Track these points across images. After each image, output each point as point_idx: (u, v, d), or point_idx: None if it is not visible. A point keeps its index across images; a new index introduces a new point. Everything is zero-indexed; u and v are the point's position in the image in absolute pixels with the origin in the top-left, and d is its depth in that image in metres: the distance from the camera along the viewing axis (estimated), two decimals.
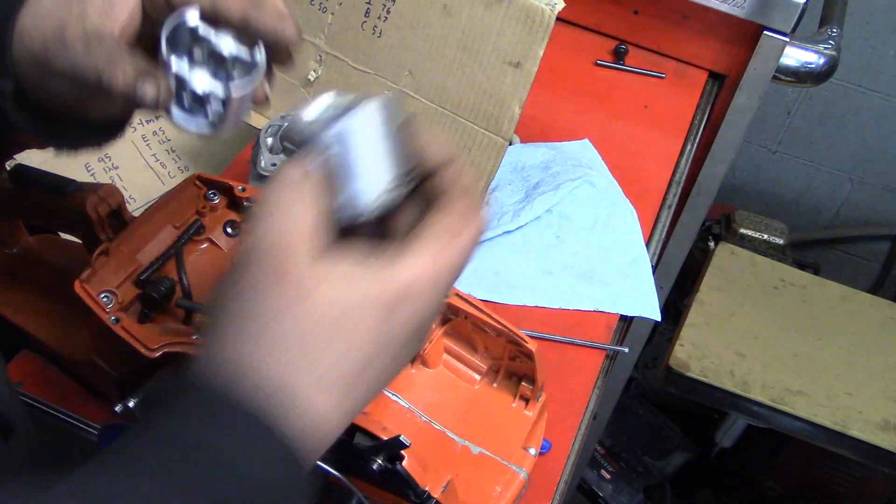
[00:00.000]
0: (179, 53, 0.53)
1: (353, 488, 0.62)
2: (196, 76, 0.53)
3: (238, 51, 0.54)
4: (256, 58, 0.53)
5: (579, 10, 1.40)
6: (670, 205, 1.20)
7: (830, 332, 1.90)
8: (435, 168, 0.47)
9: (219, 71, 0.54)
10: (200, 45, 0.53)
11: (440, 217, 0.45)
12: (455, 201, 0.46)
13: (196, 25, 0.53)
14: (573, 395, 0.91)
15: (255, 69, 0.53)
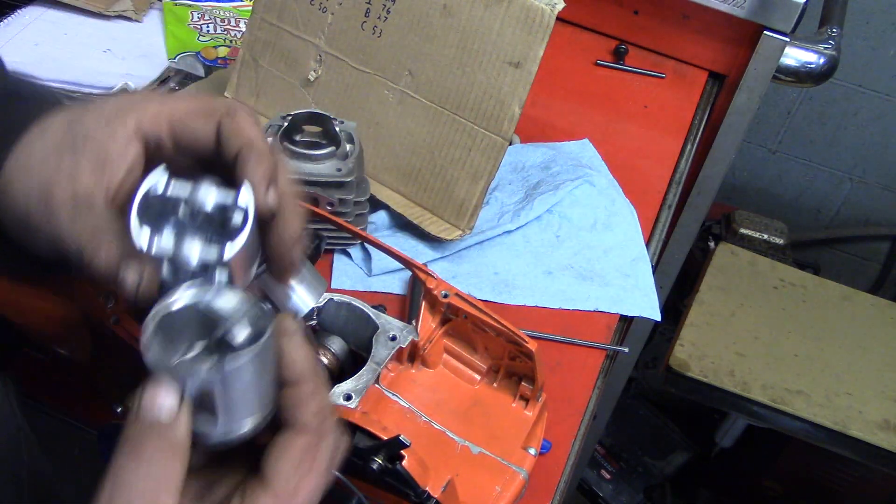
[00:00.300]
0: (158, 225, 0.49)
1: (353, 488, 0.62)
2: (186, 248, 0.48)
3: (222, 196, 0.49)
4: (242, 201, 0.49)
5: (579, 10, 1.40)
6: (670, 205, 1.20)
7: (830, 332, 1.90)
8: (289, 383, 0.48)
9: (208, 228, 0.50)
10: (178, 205, 0.49)
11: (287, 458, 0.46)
12: (301, 436, 0.47)
13: (163, 191, 0.49)
14: (573, 395, 0.91)
15: (244, 222, 0.49)
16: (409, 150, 1.01)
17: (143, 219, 0.48)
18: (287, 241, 0.51)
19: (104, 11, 1.32)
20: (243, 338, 0.46)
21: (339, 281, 0.98)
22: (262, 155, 0.51)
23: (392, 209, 1.02)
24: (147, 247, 0.47)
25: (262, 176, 0.50)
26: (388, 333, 0.71)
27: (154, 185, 0.48)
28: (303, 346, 0.48)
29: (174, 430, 0.43)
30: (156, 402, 0.43)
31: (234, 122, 0.51)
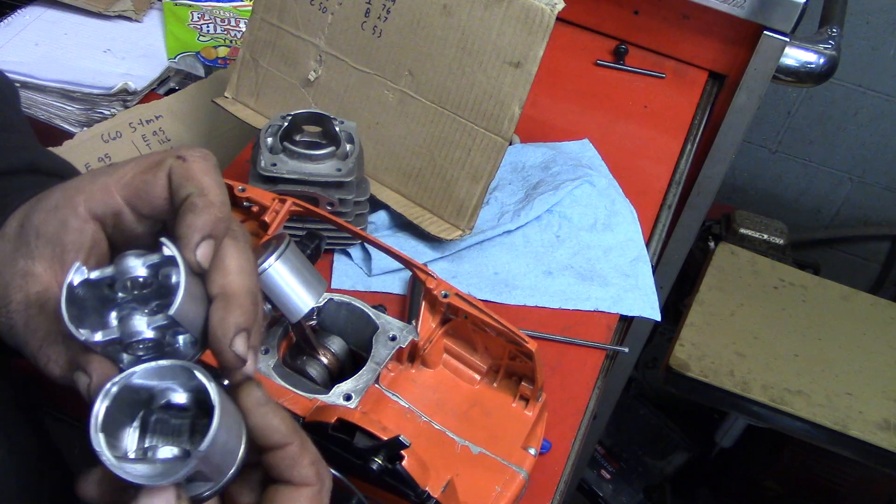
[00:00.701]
0: (99, 314, 0.46)
1: (353, 488, 0.62)
2: (133, 324, 0.45)
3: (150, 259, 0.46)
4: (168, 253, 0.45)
5: (579, 10, 1.40)
6: (670, 205, 1.20)
7: (830, 332, 1.90)
8: (277, 447, 0.47)
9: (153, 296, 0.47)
10: (111, 286, 0.46)
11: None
12: (305, 488, 0.47)
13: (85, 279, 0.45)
14: (573, 395, 0.91)
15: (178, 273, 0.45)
16: (409, 150, 1.01)
17: (80, 314, 0.45)
18: (219, 333, 0.45)
19: (104, 11, 1.32)
20: (185, 400, 0.45)
21: (339, 281, 0.98)
22: (208, 204, 0.46)
23: (392, 209, 1.02)
24: (90, 339, 0.44)
25: (199, 227, 0.46)
26: (388, 333, 0.71)
27: (71, 278, 0.45)
28: (277, 409, 0.47)
29: None
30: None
31: (184, 167, 0.48)
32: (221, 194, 0.48)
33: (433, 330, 0.74)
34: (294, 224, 0.90)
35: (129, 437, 0.45)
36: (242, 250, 0.48)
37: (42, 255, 0.50)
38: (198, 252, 0.46)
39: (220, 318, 0.45)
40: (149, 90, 1.23)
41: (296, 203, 0.76)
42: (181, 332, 0.46)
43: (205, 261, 0.46)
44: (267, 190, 0.78)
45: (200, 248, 0.46)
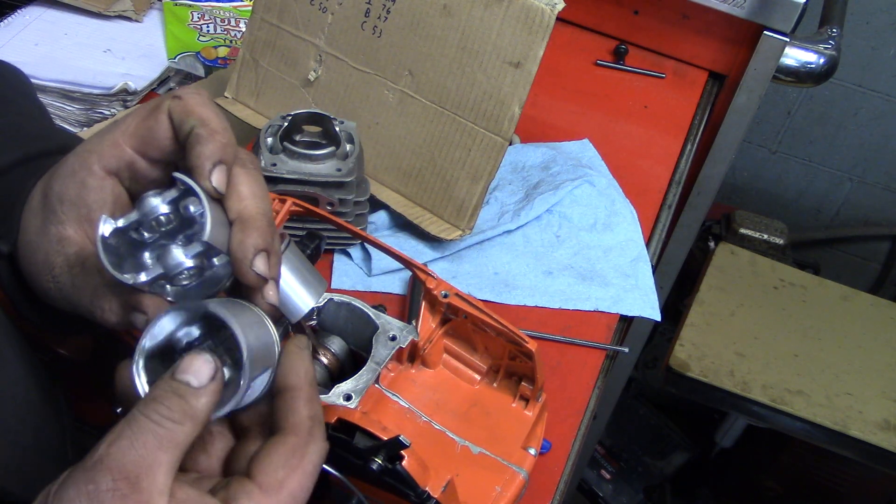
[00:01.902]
0: (136, 257, 0.49)
1: (353, 488, 0.62)
2: (171, 258, 0.47)
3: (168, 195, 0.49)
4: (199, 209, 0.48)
5: (579, 10, 1.40)
6: (670, 205, 1.20)
7: (830, 332, 1.90)
8: (287, 388, 0.49)
9: (182, 229, 0.49)
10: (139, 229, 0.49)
11: (275, 454, 0.47)
12: (291, 436, 0.48)
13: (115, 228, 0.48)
14: (573, 395, 0.91)
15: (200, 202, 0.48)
16: (409, 150, 1.01)
17: (119, 261, 0.48)
18: (239, 255, 0.48)
19: (104, 11, 1.32)
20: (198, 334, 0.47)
21: (339, 281, 0.98)
22: (212, 133, 0.49)
23: (392, 209, 1.02)
24: (137, 281, 0.47)
25: (208, 155, 0.48)
26: (388, 333, 0.71)
27: (101, 230, 0.47)
28: (308, 360, 0.50)
29: (198, 398, 0.44)
30: (192, 367, 0.44)
31: (181, 103, 0.50)
32: (222, 122, 0.50)
33: (433, 330, 0.74)
34: (294, 224, 0.91)
35: None
36: (252, 175, 0.50)
37: (70, 218, 0.52)
38: (212, 178, 0.48)
39: (239, 240, 0.48)
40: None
41: (296, 203, 0.76)
42: (215, 254, 0.48)
43: (220, 186, 0.48)
44: None
45: (214, 174, 0.48)
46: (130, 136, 0.52)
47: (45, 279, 0.54)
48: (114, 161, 0.52)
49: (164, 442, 0.43)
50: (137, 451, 0.42)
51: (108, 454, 0.42)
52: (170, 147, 0.51)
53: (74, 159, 0.53)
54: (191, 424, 0.44)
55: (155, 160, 0.52)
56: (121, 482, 0.41)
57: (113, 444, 0.42)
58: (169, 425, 0.43)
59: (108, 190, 0.53)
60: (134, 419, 0.43)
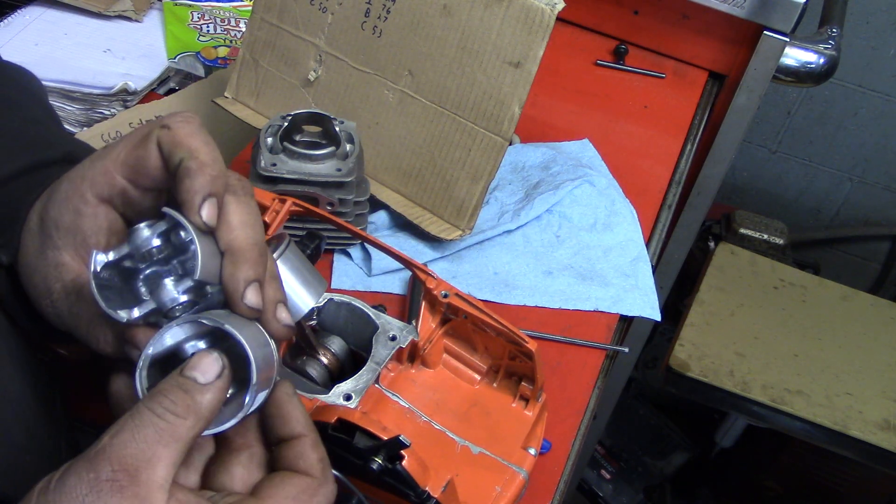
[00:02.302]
0: (130, 290, 0.49)
1: (353, 488, 0.62)
2: (163, 293, 0.47)
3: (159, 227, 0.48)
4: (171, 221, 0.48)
5: (579, 10, 1.40)
6: (670, 205, 1.20)
7: (830, 332, 1.90)
8: (293, 437, 0.50)
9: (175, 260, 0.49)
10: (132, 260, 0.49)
11: (288, 488, 0.48)
12: (305, 477, 0.49)
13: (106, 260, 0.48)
14: (573, 395, 0.91)
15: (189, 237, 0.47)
16: (409, 150, 1.01)
17: (113, 292, 0.48)
18: (230, 288, 0.48)
19: (104, 11, 1.32)
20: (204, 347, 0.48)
21: (339, 281, 0.98)
22: (202, 166, 0.48)
23: (392, 209, 1.02)
24: (130, 318, 0.47)
25: (197, 189, 0.47)
26: (388, 333, 0.71)
27: (94, 267, 0.47)
28: (300, 405, 0.51)
29: (203, 395, 0.44)
30: (200, 364, 0.45)
31: (170, 134, 0.49)
32: (212, 153, 0.49)
33: (433, 330, 0.74)
34: (294, 224, 0.90)
35: None
36: (243, 203, 0.50)
37: (66, 244, 0.52)
38: (202, 213, 0.47)
39: (230, 273, 0.48)
40: (149, 90, 1.23)
41: (296, 203, 0.76)
42: (209, 285, 0.48)
43: (210, 220, 0.48)
44: (267, 190, 0.78)
45: (204, 208, 0.47)
46: (121, 164, 0.51)
47: (44, 303, 0.54)
48: (106, 189, 0.52)
49: (165, 436, 0.43)
50: (138, 444, 0.42)
51: (109, 444, 0.42)
52: (160, 177, 0.51)
53: (68, 185, 0.53)
54: (193, 419, 0.44)
55: (146, 189, 0.52)
56: (120, 473, 0.42)
57: (115, 435, 0.42)
58: (171, 419, 0.43)
59: (101, 217, 0.52)
60: (137, 411, 0.43)
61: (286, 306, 0.51)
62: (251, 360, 0.46)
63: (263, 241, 0.50)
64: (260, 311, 0.48)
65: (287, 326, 0.50)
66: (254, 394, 0.47)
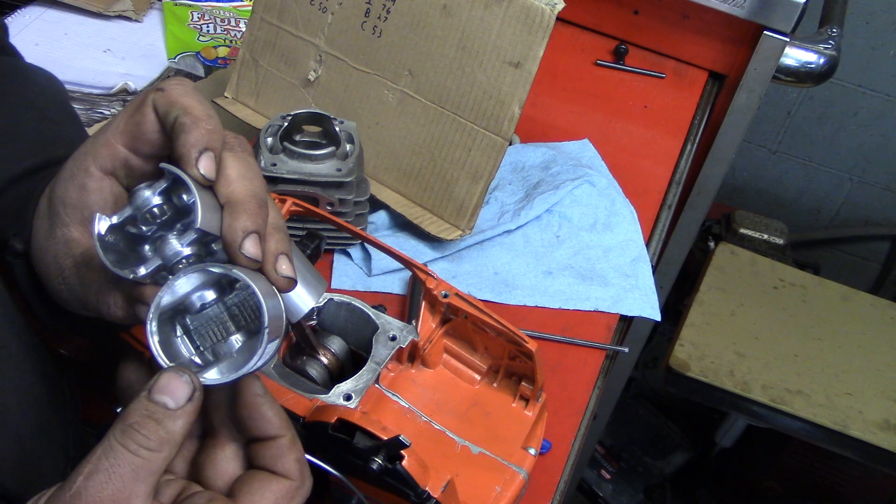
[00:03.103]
0: (136, 250, 0.49)
1: (353, 488, 0.62)
2: (168, 249, 0.47)
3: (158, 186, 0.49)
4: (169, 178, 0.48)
5: (579, 10, 1.40)
6: (670, 205, 1.20)
7: (830, 332, 1.90)
8: (269, 438, 0.49)
9: (178, 218, 0.49)
10: (136, 222, 0.49)
11: (268, 493, 0.47)
12: (284, 480, 0.48)
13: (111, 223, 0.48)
14: (573, 395, 0.91)
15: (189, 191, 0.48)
16: (409, 150, 1.01)
17: (121, 257, 0.48)
18: (229, 239, 0.48)
19: (104, 11, 1.32)
20: (213, 297, 0.48)
21: (339, 281, 0.98)
22: (196, 121, 0.48)
23: (392, 209, 1.02)
24: (137, 275, 0.47)
25: (193, 143, 0.47)
26: (388, 333, 0.71)
27: (97, 229, 0.47)
28: (273, 403, 0.50)
29: (174, 421, 0.44)
30: (169, 387, 0.44)
31: (164, 95, 0.50)
32: (206, 109, 0.49)
33: (433, 330, 0.74)
34: (294, 224, 0.91)
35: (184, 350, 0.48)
36: (240, 158, 0.50)
37: (73, 220, 0.53)
38: (200, 166, 0.47)
39: (228, 224, 0.47)
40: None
41: (296, 203, 0.76)
42: (212, 239, 0.48)
43: (209, 173, 0.47)
44: None
45: (201, 162, 0.47)
46: (121, 133, 0.52)
47: (56, 281, 0.55)
48: (109, 161, 0.52)
49: (141, 472, 0.42)
50: (115, 484, 0.41)
51: (85, 488, 0.41)
52: (159, 141, 0.51)
53: (73, 163, 0.54)
54: (168, 449, 0.43)
55: (147, 155, 0.52)
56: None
57: (90, 477, 0.41)
58: (146, 454, 0.42)
59: (107, 190, 0.53)
60: (111, 450, 0.42)
61: (289, 259, 0.50)
62: (262, 305, 0.46)
63: (264, 194, 0.50)
64: (259, 262, 0.48)
65: (288, 278, 0.49)
66: (266, 340, 0.46)
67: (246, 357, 0.47)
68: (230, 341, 0.49)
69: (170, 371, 0.44)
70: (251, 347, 0.47)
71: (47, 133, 0.66)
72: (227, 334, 0.49)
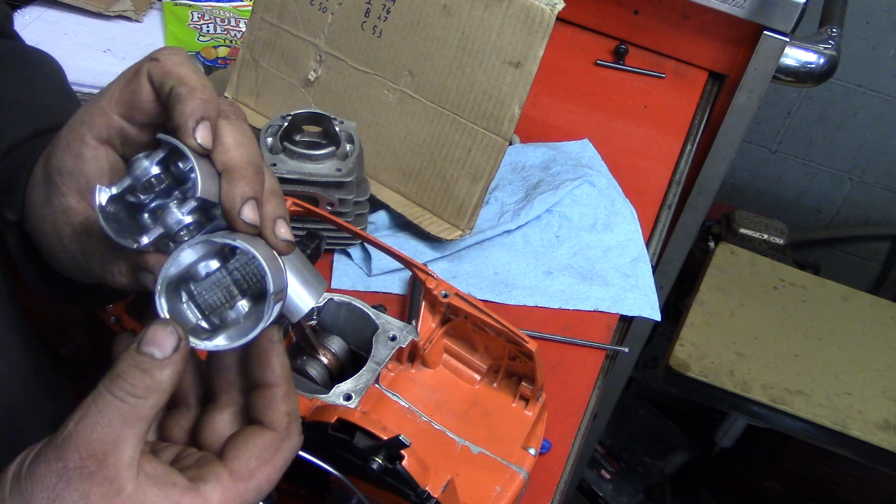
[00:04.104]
0: (134, 218, 0.50)
1: (354, 488, 0.62)
2: (169, 217, 0.48)
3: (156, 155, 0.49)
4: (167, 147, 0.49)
5: (579, 10, 1.40)
6: (670, 205, 1.20)
7: (830, 332, 1.90)
8: (266, 385, 0.50)
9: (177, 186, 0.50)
10: (135, 191, 0.49)
11: (252, 445, 0.48)
12: (269, 431, 0.49)
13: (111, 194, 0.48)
14: (573, 395, 0.91)
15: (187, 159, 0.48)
16: (409, 150, 1.01)
17: (121, 226, 0.49)
18: (227, 205, 0.48)
19: (104, 11, 1.32)
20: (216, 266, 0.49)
21: (339, 281, 0.98)
22: (192, 90, 0.49)
23: (392, 209, 1.02)
24: (140, 244, 0.48)
25: (189, 113, 0.48)
26: (388, 333, 0.71)
27: (98, 200, 0.48)
28: (282, 354, 0.51)
29: (161, 370, 0.44)
30: (156, 338, 0.45)
31: (159, 65, 0.50)
32: (201, 79, 0.50)
33: (433, 330, 0.74)
34: (294, 224, 0.90)
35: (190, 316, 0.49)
36: (236, 126, 0.50)
37: (70, 189, 0.53)
38: (197, 135, 0.48)
39: (227, 191, 0.48)
40: None
41: (296, 203, 0.76)
42: (212, 206, 0.49)
43: (205, 142, 0.48)
44: None
45: (198, 131, 0.48)
46: (116, 102, 0.52)
47: (56, 249, 0.55)
48: (104, 130, 0.53)
49: (129, 417, 0.43)
50: (103, 429, 0.43)
51: (75, 431, 0.43)
52: (154, 110, 0.52)
53: (67, 132, 0.54)
54: (155, 397, 0.44)
55: (142, 124, 0.53)
56: (88, 460, 0.42)
57: (80, 421, 0.43)
58: (132, 401, 0.43)
59: (102, 159, 0.53)
60: (100, 396, 0.44)
61: (286, 222, 0.51)
62: (265, 271, 0.47)
63: (260, 161, 0.51)
64: (258, 227, 0.49)
65: (287, 242, 0.50)
66: (272, 304, 0.47)
67: (253, 322, 0.48)
68: (236, 307, 0.50)
69: (156, 324, 0.45)
70: (257, 312, 0.49)
71: (39, 104, 0.66)
72: (231, 299, 0.50)
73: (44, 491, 0.42)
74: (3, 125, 0.62)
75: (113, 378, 0.44)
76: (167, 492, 0.44)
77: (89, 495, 0.42)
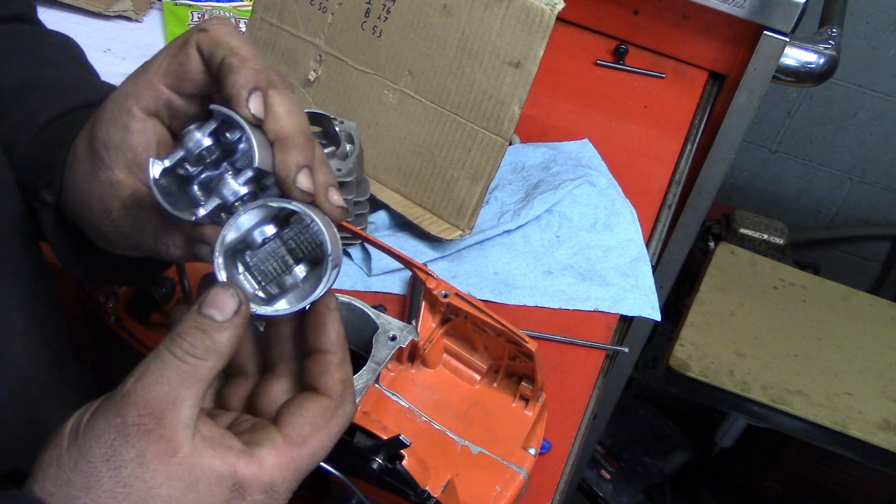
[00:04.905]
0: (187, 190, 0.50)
1: (354, 488, 0.62)
2: (224, 189, 0.48)
3: (209, 126, 0.50)
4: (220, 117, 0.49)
5: (579, 10, 1.40)
6: (670, 205, 1.20)
7: (830, 332, 1.90)
8: (321, 351, 0.50)
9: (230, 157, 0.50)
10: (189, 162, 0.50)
11: (306, 411, 0.48)
12: (324, 397, 0.49)
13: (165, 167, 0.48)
14: (573, 395, 0.91)
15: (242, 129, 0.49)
16: (409, 150, 1.01)
17: (172, 198, 0.49)
18: (282, 174, 0.49)
19: (104, 11, 1.32)
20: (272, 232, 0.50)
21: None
22: (243, 61, 0.49)
23: (392, 209, 1.02)
24: (197, 216, 0.48)
25: (242, 83, 0.48)
26: (388, 333, 0.71)
27: (152, 174, 0.48)
28: (339, 322, 0.51)
29: (221, 333, 0.45)
30: (216, 301, 0.45)
31: (208, 36, 0.50)
32: (251, 49, 0.50)
33: (433, 330, 0.74)
34: None
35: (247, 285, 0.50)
36: (286, 96, 0.51)
37: (117, 163, 0.53)
38: (250, 106, 0.48)
39: (281, 160, 0.49)
40: None
41: None
42: (265, 175, 0.49)
43: (259, 112, 0.49)
44: None
45: (251, 101, 0.48)
46: (164, 74, 0.52)
47: (103, 223, 0.55)
48: (151, 102, 0.53)
49: (188, 377, 0.44)
50: (162, 387, 0.43)
51: (134, 389, 0.43)
52: (203, 81, 0.52)
53: (112, 105, 0.54)
54: (214, 359, 0.45)
55: (191, 95, 0.53)
56: (146, 417, 0.42)
57: (139, 379, 0.43)
58: (192, 361, 0.44)
59: (150, 131, 0.53)
60: (159, 355, 0.44)
61: (337, 189, 0.51)
62: (324, 234, 0.48)
63: (309, 129, 0.51)
64: (312, 194, 0.49)
65: (340, 208, 0.51)
66: (330, 267, 0.48)
67: (312, 285, 0.49)
68: (294, 272, 0.50)
69: (217, 286, 0.46)
70: (315, 276, 0.49)
71: (63, 83, 0.66)
72: (286, 267, 0.50)
73: (101, 447, 0.42)
74: (33, 106, 0.62)
75: (173, 338, 0.44)
76: (222, 454, 0.44)
77: (146, 453, 0.42)
